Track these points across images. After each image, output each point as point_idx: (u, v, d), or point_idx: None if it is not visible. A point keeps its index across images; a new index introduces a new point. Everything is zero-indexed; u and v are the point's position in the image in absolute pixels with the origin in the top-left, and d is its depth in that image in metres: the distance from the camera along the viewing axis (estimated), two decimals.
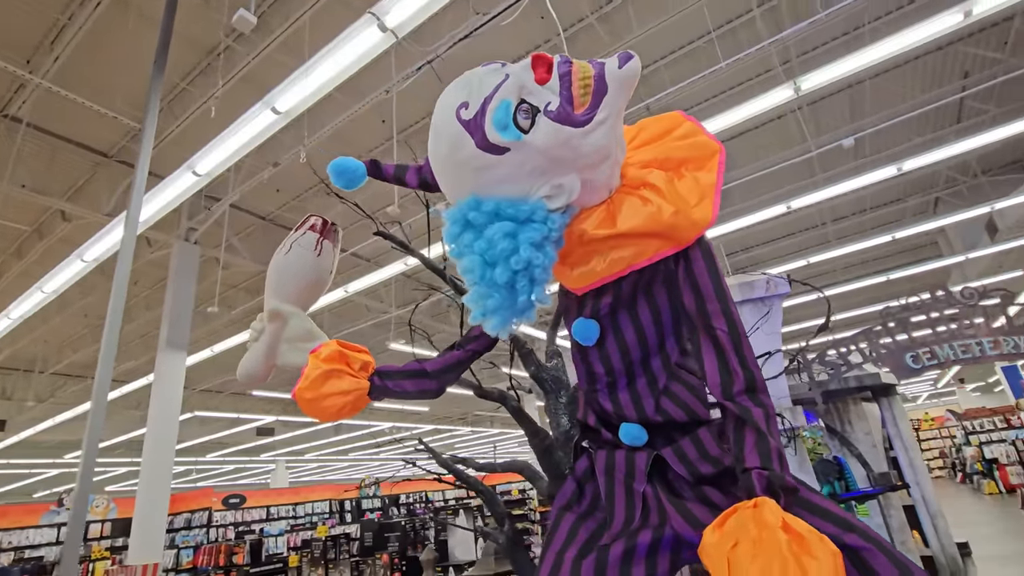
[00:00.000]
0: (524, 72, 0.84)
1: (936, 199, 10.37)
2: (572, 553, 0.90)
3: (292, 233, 1.26)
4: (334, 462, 28.01)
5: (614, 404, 1.00)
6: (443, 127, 0.84)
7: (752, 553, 0.64)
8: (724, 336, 0.89)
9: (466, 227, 0.84)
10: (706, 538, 0.71)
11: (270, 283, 1.23)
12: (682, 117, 0.99)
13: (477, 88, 0.83)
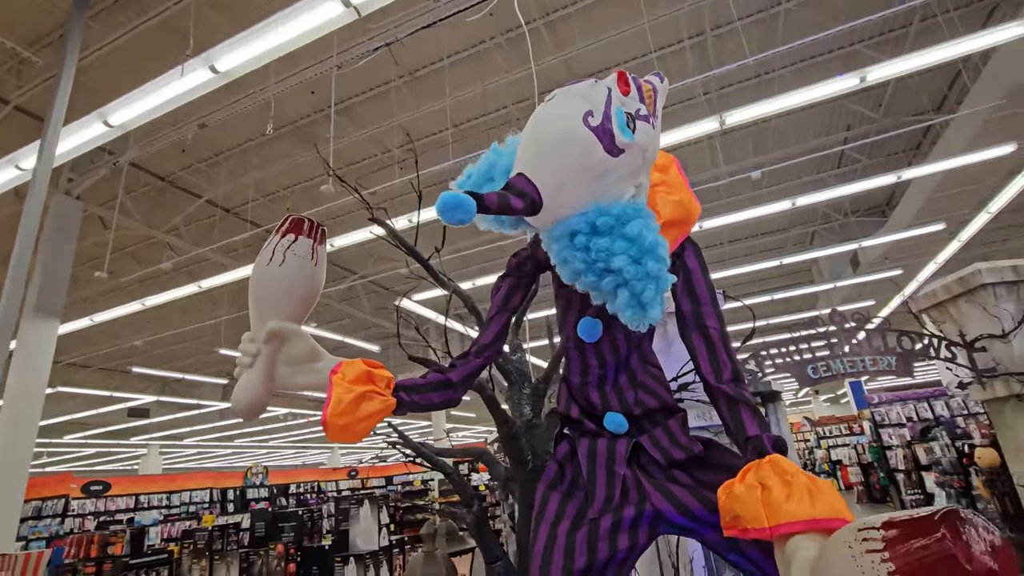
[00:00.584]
0: (614, 85, 0.94)
1: (814, 232, 11.80)
2: (565, 526, 1.02)
3: (277, 238, 1.08)
4: (216, 448, 26.02)
5: (601, 396, 1.12)
6: (572, 134, 0.88)
7: (786, 493, 0.78)
8: (716, 334, 1.06)
9: (594, 233, 0.90)
10: (732, 489, 0.85)
11: (261, 298, 1.08)
12: None
13: (592, 98, 0.90)
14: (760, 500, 0.80)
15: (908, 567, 0.59)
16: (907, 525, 0.61)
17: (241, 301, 11.71)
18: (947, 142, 6.49)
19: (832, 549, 0.69)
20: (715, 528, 0.99)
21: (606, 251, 0.89)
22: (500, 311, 1.17)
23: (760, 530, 0.79)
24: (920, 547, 0.59)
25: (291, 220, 1.11)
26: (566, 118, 0.90)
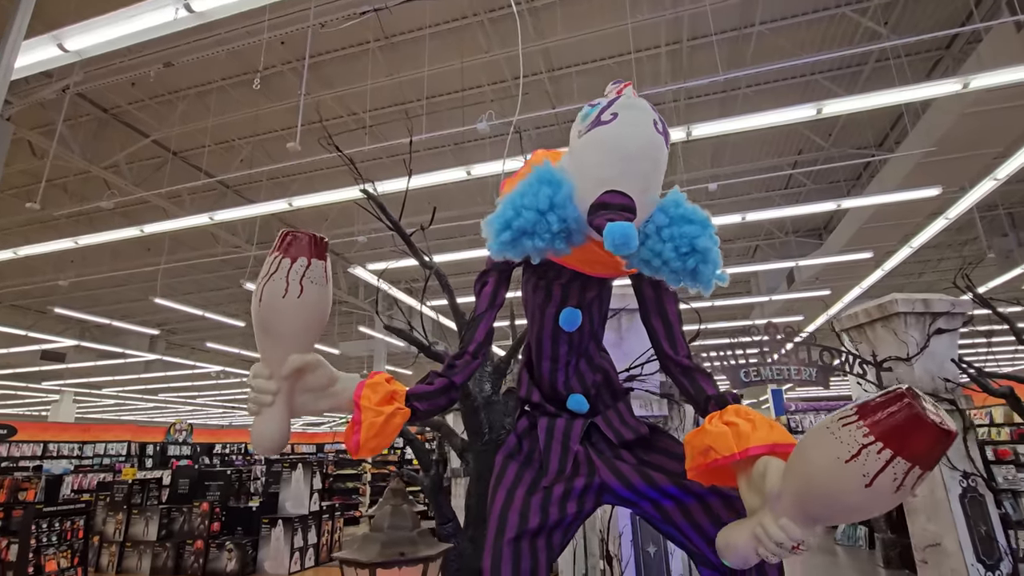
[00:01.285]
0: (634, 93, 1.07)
1: (756, 246, 12.48)
2: (521, 491, 1.13)
3: (287, 264, 0.96)
4: (137, 401, 24.76)
5: (566, 379, 1.25)
6: (657, 140, 1.01)
7: (751, 427, 0.94)
8: (673, 316, 1.22)
9: (674, 223, 1.04)
10: (703, 429, 1.00)
11: (278, 332, 0.98)
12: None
13: (646, 108, 1.03)
14: (730, 433, 0.94)
15: (880, 428, 0.72)
16: (875, 402, 0.75)
17: (180, 250, 11.17)
18: (882, 178, 7.04)
19: (810, 436, 0.81)
20: (652, 502, 1.13)
21: (690, 236, 1.02)
22: (489, 308, 1.24)
23: (729, 456, 0.92)
24: (889, 412, 0.72)
25: (292, 239, 0.99)
26: (648, 129, 1.00)
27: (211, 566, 6.67)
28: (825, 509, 0.81)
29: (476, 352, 1.19)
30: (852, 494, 0.75)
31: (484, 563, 1.04)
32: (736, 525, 0.94)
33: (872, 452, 0.72)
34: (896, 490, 0.73)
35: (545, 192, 1.03)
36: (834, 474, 0.75)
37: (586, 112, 1.05)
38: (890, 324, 2.37)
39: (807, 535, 0.82)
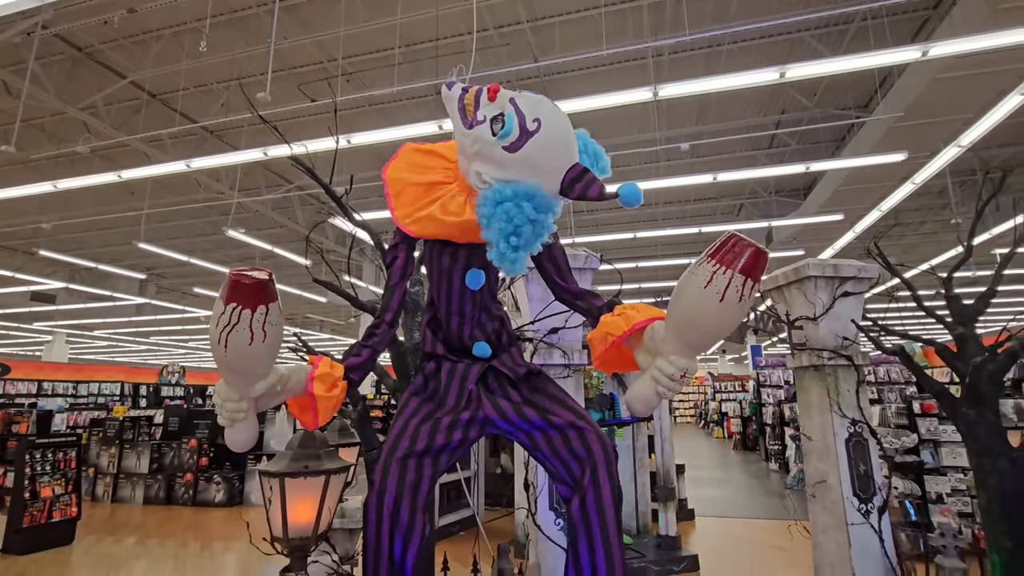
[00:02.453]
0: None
1: (741, 205, 12.57)
2: (416, 421, 1.35)
3: (244, 313, 1.00)
4: (129, 343, 25.13)
5: (471, 330, 1.45)
6: (564, 115, 1.18)
7: (635, 311, 1.20)
8: (561, 258, 1.46)
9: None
10: (601, 322, 1.27)
11: (244, 370, 1.09)
12: None
13: (542, 97, 1.20)
14: (620, 319, 1.22)
15: (721, 256, 0.99)
16: (716, 244, 1.01)
17: (164, 195, 11.10)
18: (858, 142, 7.10)
19: (680, 284, 1.07)
20: (525, 432, 1.35)
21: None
22: (401, 279, 1.43)
23: (622, 334, 1.20)
24: (725, 246, 0.99)
25: (248, 288, 1.00)
26: (559, 112, 1.19)
27: (200, 497, 7.11)
28: (698, 333, 1.07)
29: (392, 320, 1.40)
30: (712, 312, 1.01)
31: (376, 475, 1.27)
32: (637, 381, 1.18)
33: (719, 274, 0.98)
34: (739, 299, 0.98)
35: (528, 206, 1.14)
36: (698, 300, 1.01)
37: (507, 129, 1.13)
38: (802, 287, 2.57)
39: (689, 364, 1.09)
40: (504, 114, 1.15)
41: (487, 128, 1.15)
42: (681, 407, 29.75)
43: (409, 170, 1.34)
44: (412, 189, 1.31)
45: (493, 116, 1.16)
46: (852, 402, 2.44)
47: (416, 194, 1.30)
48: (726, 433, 16.67)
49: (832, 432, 2.41)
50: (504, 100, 1.18)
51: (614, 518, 1.23)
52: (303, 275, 16.34)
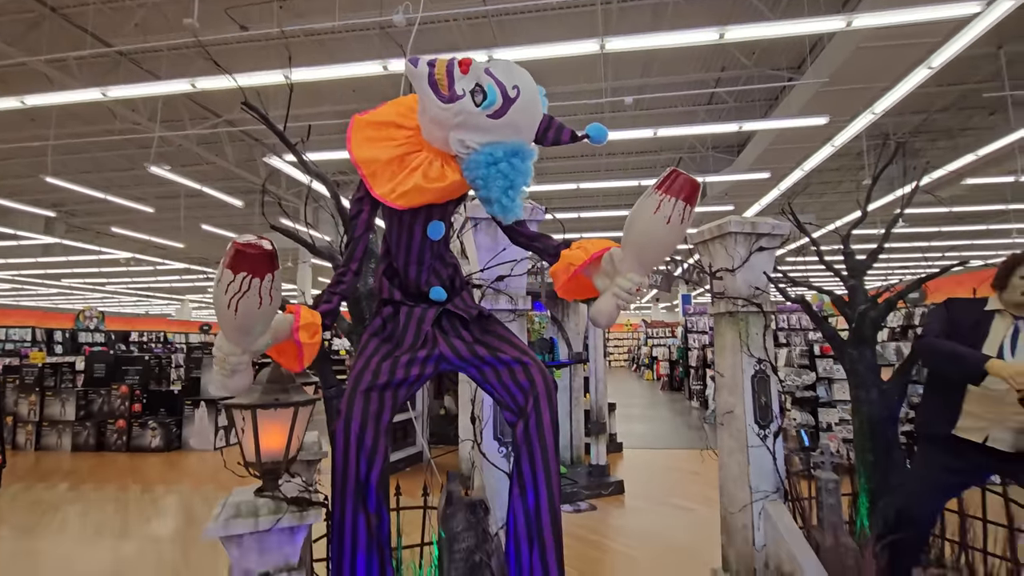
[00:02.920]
0: None
1: (680, 159, 12.98)
2: (377, 359, 1.48)
3: (254, 281, 1.09)
4: (37, 286, 23.18)
5: (427, 277, 1.56)
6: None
7: (592, 243, 1.38)
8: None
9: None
10: (562, 257, 1.43)
11: (252, 330, 1.20)
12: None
13: (511, 63, 1.32)
14: (580, 251, 1.39)
15: (668, 188, 1.17)
16: (662, 177, 1.19)
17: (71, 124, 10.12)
18: (788, 103, 7.49)
19: (634, 211, 1.25)
20: (476, 367, 1.52)
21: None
22: (365, 232, 1.51)
23: (583, 263, 1.37)
24: (669, 179, 1.18)
25: (255, 258, 1.09)
26: (528, 75, 1.32)
27: (135, 442, 6.98)
28: (651, 251, 1.28)
29: (358, 269, 1.52)
30: (662, 233, 1.21)
31: (342, 406, 1.41)
32: (600, 299, 1.36)
33: (665, 202, 1.17)
34: (681, 221, 1.19)
35: (517, 162, 1.30)
36: (650, 223, 1.20)
37: (491, 99, 1.23)
38: (724, 242, 2.84)
39: (643, 279, 1.30)
40: (483, 85, 1.24)
41: (469, 101, 1.24)
42: (615, 352, 31.34)
43: (373, 147, 1.38)
44: (386, 166, 1.36)
45: (472, 88, 1.25)
46: (759, 344, 2.78)
47: (392, 170, 1.36)
48: (655, 376, 17.86)
49: (741, 370, 2.76)
50: (479, 71, 1.27)
51: (552, 439, 1.43)
52: (234, 215, 15.52)
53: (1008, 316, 2.07)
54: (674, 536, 3.58)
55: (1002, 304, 2.10)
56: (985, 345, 2.03)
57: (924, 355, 2.22)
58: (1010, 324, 2.04)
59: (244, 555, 1.28)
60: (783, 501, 2.71)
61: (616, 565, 3.14)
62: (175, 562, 3.28)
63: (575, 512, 4.14)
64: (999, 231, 14.95)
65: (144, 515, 4.30)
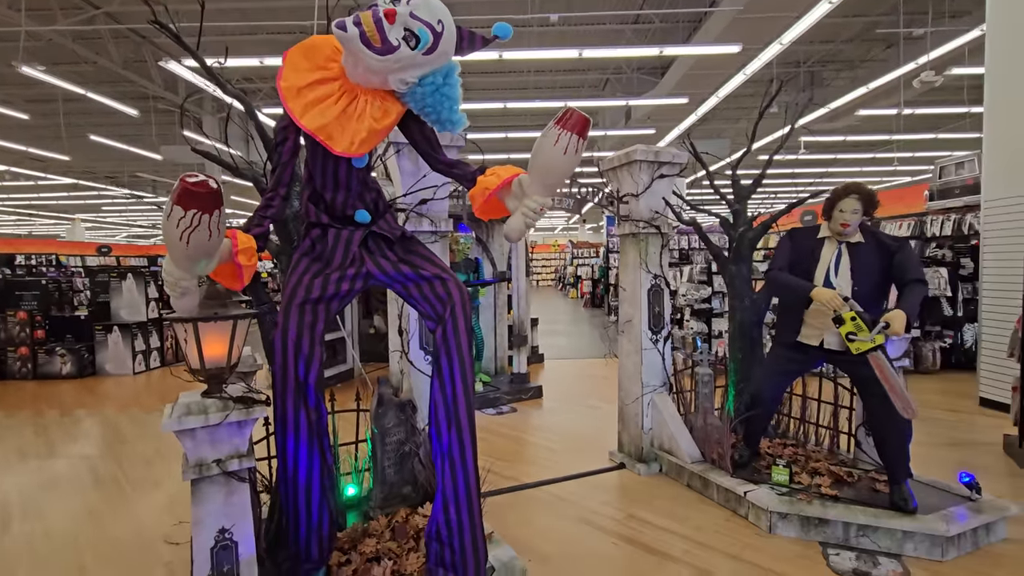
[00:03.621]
0: None
1: (607, 80, 12.98)
2: (308, 276, 1.63)
3: (204, 217, 1.23)
4: None
5: (353, 201, 1.69)
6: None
7: (505, 169, 1.58)
8: (432, 136, 1.70)
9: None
10: (479, 181, 1.61)
11: (202, 258, 1.33)
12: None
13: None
14: (494, 176, 1.58)
15: (564, 123, 1.39)
16: (559, 114, 1.40)
17: None
18: (707, 29, 7.67)
19: (538, 142, 1.45)
20: (400, 283, 1.71)
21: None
22: (291, 158, 1.63)
23: (496, 186, 1.57)
24: (567, 118, 1.39)
25: (204, 195, 1.21)
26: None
27: (43, 370, 6.69)
28: (552, 176, 1.50)
29: (286, 194, 1.66)
30: (561, 161, 1.43)
31: (279, 318, 1.57)
32: (511, 218, 1.56)
33: (563, 136, 1.39)
34: (576, 151, 1.42)
35: (453, 80, 1.52)
36: (551, 153, 1.42)
37: (424, 41, 1.39)
38: (629, 169, 3.11)
39: (546, 200, 1.52)
40: (414, 30, 1.38)
41: (405, 48, 1.38)
42: (543, 272, 32.29)
43: (317, 113, 1.47)
44: (336, 124, 1.48)
45: (403, 36, 1.37)
46: (656, 262, 3.16)
47: (341, 125, 1.48)
48: (580, 294, 18.81)
49: (640, 284, 3.14)
50: (405, 16, 1.37)
51: (466, 342, 1.69)
52: (125, 124, 13.92)
53: (834, 242, 2.52)
54: (582, 429, 4.12)
55: (829, 232, 2.54)
56: (817, 267, 2.48)
57: (769, 286, 2.67)
58: (835, 248, 2.50)
59: (197, 446, 1.47)
60: (668, 393, 3.22)
61: (531, 454, 3.62)
62: (114, 474, 3.39)
63: (498, 414, 4.60)
64: (885, 159, 16.48)
65: (69, 436, 4.28)
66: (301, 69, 1.49)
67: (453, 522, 1.66)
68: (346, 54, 1.43)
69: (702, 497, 2.81)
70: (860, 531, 2.29)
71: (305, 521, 1.68)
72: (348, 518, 2.24)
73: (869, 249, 2.43)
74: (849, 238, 2.47)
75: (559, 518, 2.64)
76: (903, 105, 9.28)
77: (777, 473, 2.65)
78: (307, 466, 1.63)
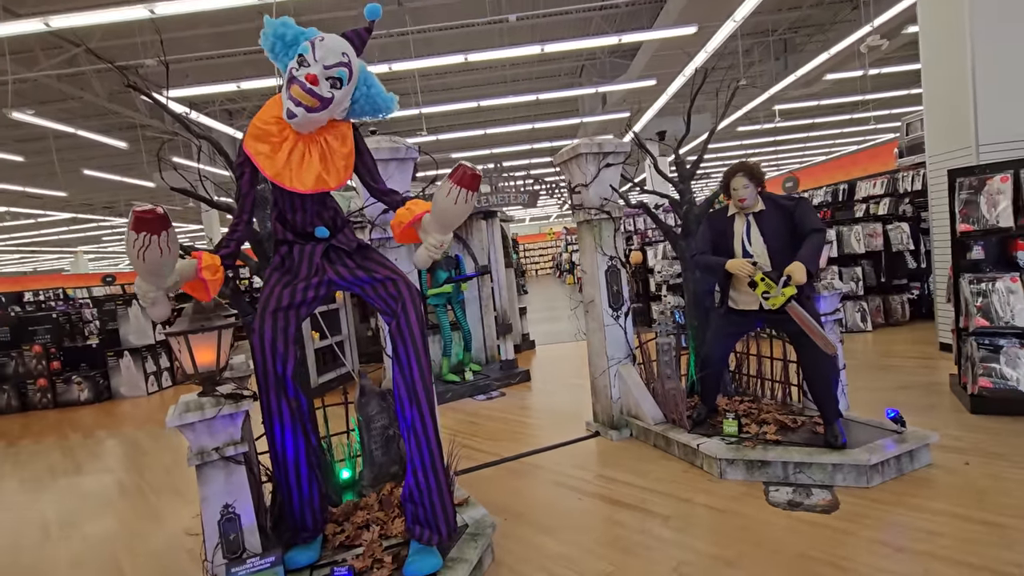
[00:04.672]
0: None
1: (583, 66, 13.16)
2: (279, 287, 1.92)
3: (153, 237, 1.46)
4: None
5: (312, 219, 1.97)
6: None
7: (417, 205, 1.83)
8: (371, 164, 2.00)
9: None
10: (398, 212, 1.87)
11: (159, 274, 1.57)
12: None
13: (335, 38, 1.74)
14: (407, 212, 1.84)
15: (457, 178, 1.64)
16: (453, 169, 1.66)
17: None
18: (668, 10, 7.86)
19: (436, 193, 1.71)
20: (358, 286, 2.00)
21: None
22: (250, 189, 1.90)
23: (409, 221, 1.82)
24: (460, 174, 1.64)
25: (152, 220, 1.45)
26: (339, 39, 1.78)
27: (62, 398, 7.04)
28: (447, 219, 1.74)
29: (249, 220, 1.93)
30: (452, 209, 1.68)
31: (255, 324, 1.86)
32: (418, 249, 1.83)
33: (454, 189, 1.65)
34: (466, 201, 1.67)
35: (365, 78, 1.84)
36: (445, 202, 1.68)
37: (345, 79, 1.74)
38: (578, 161, 3.37)
39: (444, 237, 1.78)
40: (334, 75, 1.71)
41: (336, 94, 1.73)
42: (540, 260, 32.54)
43: (275, 162, 1.78)
44: (297, 170, 1.79)
45: (330, 86, 1.71)
46: (611, 244, 3.42)
47: (292, 171, 1.79)
48: (576, 279, 19.08)
49: (597, 266, 3.41)
50: (321, 70, 1.69)
51: (418, 330, 1.97)
52: (116, 155, 14.22)
53: (741, 216, 2.79)
54: (564, 405, 4.42)
55: (734, 208, 2.81)
56: (734, 241, 2.76)
57: (697, 269, 2.95)
58: (744, 221, 2.77)
59: (198, 437, 1.77)
60: (632, 364, 3.50)
61: (516, 431, 3.92)
62: (137, 483, 3.72)
63: (487, 399, 4.90)
64: (861, 119, 16.58)
65: (93, 455, 4.62)
66: (258, 131, 1.79)
67: (422, 484, 1.95)
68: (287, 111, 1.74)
69: (665, 454, 3.10)
70: (797, 468, 2.57)
71: (297, 495, 1.97)
72: (344, 497, 2.54)
73: (771, 214, 2.70)
74: (752, 209, 2.74)
75: (535, 483, 2.94)
76: (868, 67, 9.44)
77: (727, 425, 2.93)
78: (293, 447, 1.93)
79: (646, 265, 8.03)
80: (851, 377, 3.54)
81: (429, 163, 2.79)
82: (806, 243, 2.53)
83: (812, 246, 2.50)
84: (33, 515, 3.38)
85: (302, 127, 1.75)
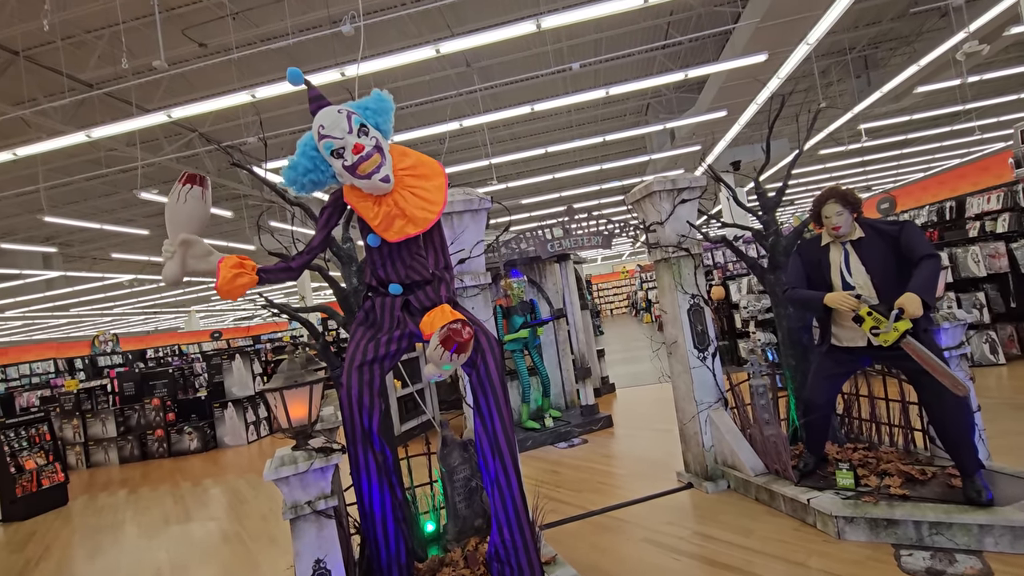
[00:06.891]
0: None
1: (648, 104, 13.17)
2: (364, 341, 1.98)
3: (179, 187, 1.74)
4: (48, 319, 23.71)
5: (386, 274, 2.04)
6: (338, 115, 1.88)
7: (440, 317, 1.82)
8: (438, 241, 2.06)
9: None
10: (424, 318, 1.89)
11: (172, 222, 1.74)
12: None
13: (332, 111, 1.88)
14: (427, 325, 1.85)
15: (441, 336, 1.69)
16: (443, 328, 1.71)
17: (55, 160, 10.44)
18: (734, 43, 7.73)
19: (429, 344, 1.74)
20: None
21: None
22: (323, 228, 2.01)
23: (430, 332, 1.83)
24: (447, 327, 1.69)
25: (186, 175, 1.77)
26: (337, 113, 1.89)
27: (176, 448, 7.63)
28: (437, 358, 1.75)
29: (310, 250, 2.01)
30: (441, 357, 1.73)
31: (343, 379, 1.92)
32: (427, 365, 1.85)
33: (437, 348, 1.71)
34: (451, 362, 1.74)
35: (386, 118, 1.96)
36: (434, 354, 1.73)
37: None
38: (651, 199, 3.30)
39: (440, 369, 1.78)
40: (353, 126, 1.83)
41: (367, 137, 1.85)
42: (616, 300, 31.97)
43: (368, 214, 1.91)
44: (384, 221, 1.90)
45: (360, 135, 1.83)
46: (692, 282, 3.27)
47: (387, 222, 1.90)
48: (653, 317, 18.47)
49: (678, 305, 3.26)
50: (347, 136, 1.82)
51: (498, 380, 1.95)
52: (223, 223, 15.82)
53: (837, 245, 2.55)
54: (650, 453, 4.17)
55: (828, 237, 2.58)
56: (831, 273, 2.53)
57: (790, 305, 2.73)
58: (840, 250, 2.53)
59: (292, 490, 1.82)
60: (724, 408, 3.27)
61: (601, 481, 3.74)
62: (237, 531, 3.90)
63: (569, 447, 4.75)
64: (963, 130, 15.19)
65: (200, 502, 4.93)
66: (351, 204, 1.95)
67: (508, 542, 1.88)
68: (354, 189, 1.89)
69: (770, 509, 2.81)
70: (933, 529, 2.23)
71: (384, 552, 1.97)
72: (429, 551, 2.51)
73: (871, 241, 2.46)
74: (849, 237, 2.51)
75: (625, 540, 2.76)
76: (966, 75, 8.70)
77: (842, 477, 2.62)
78: (380, 502, 1.94)
79: (729, 300, 7.63)
80: (988, 420, 3.08)
81: (501, 211, 2.83)
82: (918, 271, 2.27)
83: (926, 274, 2.24)
84: (149, 559, 3.62)
85: (387, 184, 1.84)
